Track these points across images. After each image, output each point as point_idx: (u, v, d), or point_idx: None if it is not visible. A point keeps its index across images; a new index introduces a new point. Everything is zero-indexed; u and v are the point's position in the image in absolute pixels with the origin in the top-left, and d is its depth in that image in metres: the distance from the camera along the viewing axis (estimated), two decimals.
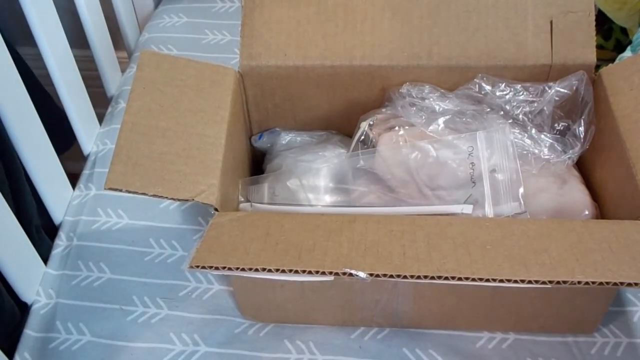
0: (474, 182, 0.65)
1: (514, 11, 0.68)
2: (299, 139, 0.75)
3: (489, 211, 0.63)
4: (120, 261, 0.74)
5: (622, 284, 0.48)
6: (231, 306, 0.69)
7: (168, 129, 0.60)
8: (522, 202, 0.63)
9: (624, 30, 0.93)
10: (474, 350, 0.65)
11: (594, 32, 0.68)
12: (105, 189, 0.55)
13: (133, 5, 1.08)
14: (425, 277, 0.49)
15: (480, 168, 0.64)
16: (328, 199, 0.68)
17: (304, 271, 0.50)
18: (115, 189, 0.55)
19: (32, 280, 0.72)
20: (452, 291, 0.61)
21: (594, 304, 0.63)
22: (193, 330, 0.67)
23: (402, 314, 0.64)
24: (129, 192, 0.55)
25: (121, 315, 0.69)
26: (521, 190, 0.63)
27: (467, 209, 0.63)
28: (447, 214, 0.63)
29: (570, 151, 0.66)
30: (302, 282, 0.61)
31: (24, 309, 0.71)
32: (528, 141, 0.67)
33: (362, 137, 0.70)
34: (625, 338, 0.65)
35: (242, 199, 0.68)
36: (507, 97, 0.69)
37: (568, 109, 0.68)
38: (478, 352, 0.65)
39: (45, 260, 0.75)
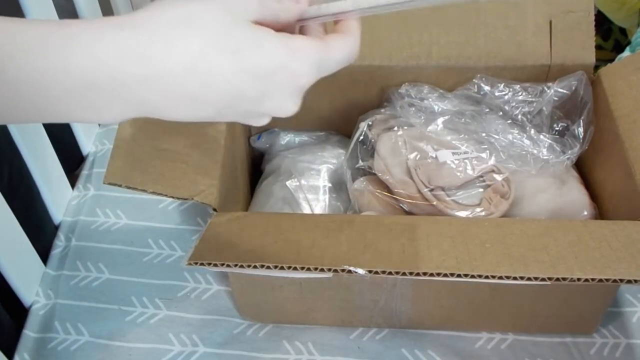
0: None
1: (513, 11, 0.68)
2: (297, 139, 0.75)
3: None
4: (119, 261, 0.74)
5: (621, 280, 0.48)
6: (230, 306, 0.69)
7: (168, 126, 0.59)
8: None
9: (623, 31, 0.93)
10: (473, 351, 0.65)
11: (593, 33, 0.68)
12: (104, 183, 0.54)
13: (133, 5, 1.08)
14: (424, 274, 0.49)
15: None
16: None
17: (302, 268, 0.49)
18: (115, 184, 0.54)
19: (32, 281, 0.72)
20: (451, 291, 0.61)
21: (593, 305, 0.63)
22: (192, 330, 0.67)
23: (401, 314, 0.64)
24: (129, 187, 0.54)
25: (120, 315, 0.69)
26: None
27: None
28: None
29: (569, 152, 0.66)
30: (300, 282, 0.61)
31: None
32: (527, 142, 0.67)
33: (361, 138, 0.70)
34: (624, 339, 0.65)
35: None
36: (506, 97, 0.69)
37: (567, 109, 0.69)
38: (477, 353, 0.64)
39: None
